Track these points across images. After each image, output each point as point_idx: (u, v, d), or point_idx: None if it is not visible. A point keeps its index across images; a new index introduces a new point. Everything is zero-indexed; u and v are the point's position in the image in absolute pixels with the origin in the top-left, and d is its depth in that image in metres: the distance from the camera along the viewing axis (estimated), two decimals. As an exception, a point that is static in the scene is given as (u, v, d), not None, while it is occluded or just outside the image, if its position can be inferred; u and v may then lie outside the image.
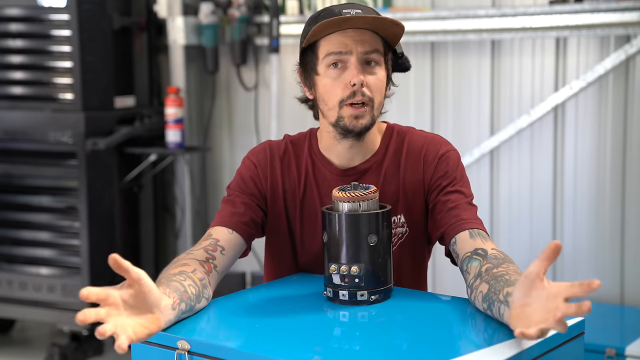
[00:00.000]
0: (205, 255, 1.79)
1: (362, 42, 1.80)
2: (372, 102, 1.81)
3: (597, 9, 3.38)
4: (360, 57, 1.80)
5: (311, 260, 1.94)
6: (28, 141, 3.89)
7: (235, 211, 1.89)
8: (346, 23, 1.79)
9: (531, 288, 1.41)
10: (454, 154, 1.91)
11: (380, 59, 1.82)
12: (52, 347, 3.86)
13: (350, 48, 1.79)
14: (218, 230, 1.86)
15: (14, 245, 4.00)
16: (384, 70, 1.83)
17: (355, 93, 1.79)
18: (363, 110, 1.81)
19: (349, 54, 1.80)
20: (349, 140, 1.87)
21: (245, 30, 4.02)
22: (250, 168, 1.95)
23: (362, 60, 1.80)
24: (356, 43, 1.79)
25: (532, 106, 3.61)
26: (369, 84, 1.80)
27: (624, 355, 3.03)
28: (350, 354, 1.47)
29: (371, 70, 1.81)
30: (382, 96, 1.85)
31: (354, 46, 1.79)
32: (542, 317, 1.36)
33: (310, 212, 1.93)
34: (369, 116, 1.82)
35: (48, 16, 3.85)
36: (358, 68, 1.79)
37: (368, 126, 1.83)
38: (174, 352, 1.54)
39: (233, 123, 4.27)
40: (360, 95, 1.79)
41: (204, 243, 1.83)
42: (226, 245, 1.84)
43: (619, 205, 3.51)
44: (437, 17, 3.66)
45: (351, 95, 1.80)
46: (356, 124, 1.82)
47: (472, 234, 1.77)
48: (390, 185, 1.90)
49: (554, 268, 3.63)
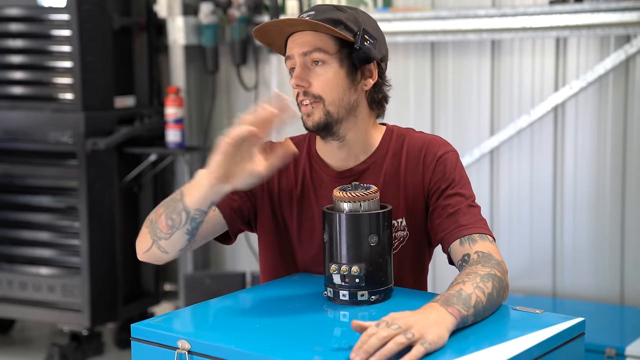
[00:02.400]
0: None
1: (302, 44, 1.84)
2: (320, 99, 1.84)
3: (597, 9, 3.38)
4: (301, 59, 1.85)
5: (309, 261, 1.94)
6: (28, 141, 3.89)
7: (227, 194, 1.91)
8: (283, 25, 1.85)
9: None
10: (452, 155, 1.91)
11: (325, 56, 1.83)
12: (52, 347, 3.86)
13: (292, 52, 1.86)
14: None
15: (14, 245, 4.00)
16: (333, 68, 1.84)
17: (299, 94, 1.87)
18: (310, 108, 1.85)
19: (294, 56, 1.86)
20: (331, 140, 1.89)
21: (245, 30, 4.02)
22: None
23: (306, 62, 1.85)
24: (297, 46, 1.85)
25: (532, 106, 3.61)
26: (314, 83, 1.84)
27: (624, 355, 3.03)
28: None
29: (316, 70, 1.85)
30: (338, 92, 1.85)
31: (296, 49, 1.85)
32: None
33: (307, 214, 1.93)
34: (320, 113, 1.85)
35: (48, 16, 3.85)
36: (297, 71, 1.85)
37: (321, 123, 1.85)
38: (174, 352, 1.54)
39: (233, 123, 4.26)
40: (302, 95, 1.85)
41: None
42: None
43: (619, 205, 3.51)
44: (437, 17, 3.66)
45: (297, 96, 1.88)
46: (307, 121, 1.87)
47: (462, 241, 1.79)
48: (390, 187, 1.90)
49: (554, 268, 3.63)
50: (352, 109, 1.87)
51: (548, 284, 3.65)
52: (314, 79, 1.84)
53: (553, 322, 1.59)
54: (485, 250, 1.75)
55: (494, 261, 1.70)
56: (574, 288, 3.61)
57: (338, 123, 1.86)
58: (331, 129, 1.87)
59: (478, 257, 1.73)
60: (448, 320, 1.50)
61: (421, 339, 1.43)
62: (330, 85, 1.84)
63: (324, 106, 1.84)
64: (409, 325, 1.45)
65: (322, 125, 1.85)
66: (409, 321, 1.45)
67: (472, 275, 1.63)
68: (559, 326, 1.57)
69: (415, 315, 1.48)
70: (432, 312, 1.50)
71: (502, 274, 1.68)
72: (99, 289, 3.83)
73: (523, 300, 3.47)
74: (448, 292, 1.58)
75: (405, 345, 1.42)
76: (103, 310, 3.86)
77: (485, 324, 1.59)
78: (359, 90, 1.88)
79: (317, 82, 1.84)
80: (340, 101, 1.86)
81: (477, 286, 1.60)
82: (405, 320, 1.46)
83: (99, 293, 3.83)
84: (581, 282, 3.59)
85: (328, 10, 1.86)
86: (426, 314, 1.49)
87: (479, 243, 1.77)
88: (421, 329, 1.44)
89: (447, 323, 1.49)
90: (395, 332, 1.43)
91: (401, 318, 1.46)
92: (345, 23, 1.84)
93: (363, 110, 1.90)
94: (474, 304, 1.56)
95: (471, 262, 1.73)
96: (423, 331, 1.44)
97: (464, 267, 1.73)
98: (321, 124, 1.85)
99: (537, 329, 1.56)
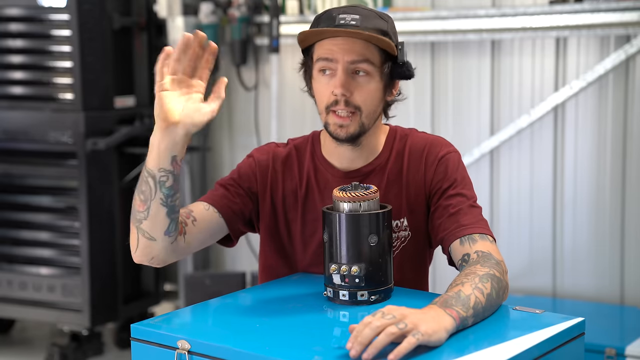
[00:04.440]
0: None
1: (350, 52, 1.79)
2: (359, 111, 1.81)
3: (597, 9, 3.38)
4: (347, 66, 1.80)
5: (312, 261, 1.94)
6: (28, 141, 3.89)
7: (225, 194, 1.91)
8: (337, 32, 1.79)
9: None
10: (454, 155, 1.91)
11: (371, 68, 1.81)
12: (52, 347, 3.86)
13: (337, 56, 1.80)
14: (197, 204, 1.89)
15: (14, 245, 4.00)
16: (376, 80, 1.82)
17: (337, 102, 1.80)
18: (347, 120, 1.81)
19: (336, 62, 1.80)
20: (346, 145, 1.88)
21: (245, 30, 4.02)
22: (251, 165, 1.97)
23: (350, 70, 1.80)
24: (344, 52, 1.79)
25: (532, 106, 3.61)
26: (355, 94, 1.80)
27: (624, 355, 3.03)
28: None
29: (359, 80, 1.81)
30: (374, 105, 1.84)
31: (341, 55, 1.79)
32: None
33: (311, 215, 1.93)
34: (356, 124, 1.82)
35: (48, 16, 3.85)
36: (342, 78, 1.79)
37: (355, 134, 1.83)
38: (174, 352, 1.54)
39: (233, 123, 4.27)
40: (344, 104, 1.80)
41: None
42: (199, 217, 1.85)
43: (619, 205, 3.51)
44: (437, 17, 3.66)
45: (334, 103, 1.81)
46: (340, 132, 1.83)
47: (462, 241, 1.79)
48: (393, 188, 1.90)
49: (554, 268, 3.63)
50: (377, 118, 1.88)
51: (548, 284, 3.65)
52: (356, 89, 1.81)
53: (553, 322, 1.59)
54: (485, 249, 1.75)
55: (493, 261, 1.70)
56: (574, 288, 3.61)
57: (366, 133, 1.86)
58: (358, 139, 1.86)
59: (478, 256, 1.73)
60: (447, 321, 1.49)
61: (414, 330, 1.43)
62: (371, 98, 1.82)
63: (361, 118, 1.82)
64: (403, 315, 1.45)
65: (355, 136, 1.84)
66: (404, 312, 1.46)
67: (471, 276, 1.63)
68: (558, 326, 1.57)
69: (412, 309, 1.48)
70: (430, 311, 1.51)
71: (502, 274, 1.68)
72: (99, 289, 3.83)
73: (523, 300, 3.47)
74: (447, 294, 1.58)
75: (397, 335, 1.42)
76: (103, 310, 3.85)
77: (485, 323, 1.59)
78: (384, 101, 1.88)
79: (360, 93, 1.81)
80: (374, 113, 1.85)
81: (476, 287, 1.60)
82: (401, 311, 1.46)
83: (99, 293, 3.83)
84: (581, 282, 3.59)
85: (372, 17, 1.82)
86: (425, 311, 1.50)
87: (479, 243, 1.77)
88: (415, 320, 1.44)
89: (446, 324, 1.49)
90: (389, 322, 1.43)
91: (397, 309, 1.47)
92: (389, 34, 1.83)
93: (380, 117, 1.91)
94: (473, 305, 1.56)
95: (471, 261, 1.73)
96: (417, 322, 1.44)
97: (463, 267, 1.73)
98: (354, 135, 1.83)
99: (537, 329, 1.56)
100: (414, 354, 1.42)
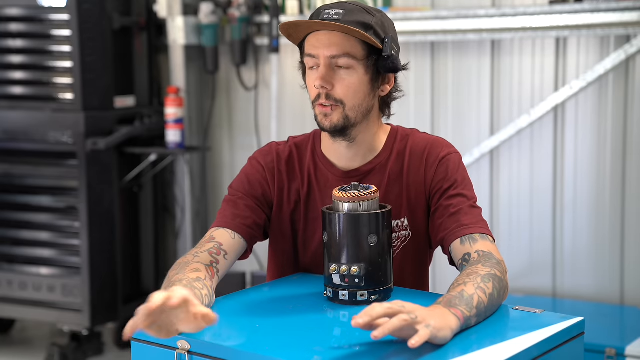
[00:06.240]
0: (209, 259, 1.78)
1: (330, 46, 1.82)
2: (341, 104, 1.83)
3: (597, 9, 3.38)
4: (328, 61, 1.82)
5: (313, 261, 1.95)
6: (28, 141, 3.89)
7: (237, 213, 1.89)
8: (313, 26, 1.82)
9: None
10: (455, 156, 1.91)
11: (353, 62, 1.82)
12: (52, 347, 3.86)
13: (318, 52, 1.83)
14: (221, 233, 1.86)
15: (14, 245, 4.00)
16: (359, 74, 1.83)
17: (320, 95, 1.84)
18: (329, 110, 1.83)
19: (318, 57, 1.83)
20: (341, 141, 1.89)
21: (245, 30, 4.02)
22: (258, 170, 1.95)
23: (332, 64, 1.82)
24: (324, 47, 1.82)
25: (532, 106, 3.61)
26: (337, 87, 1.83)
27: (624, 355, 3.03)
28: (350, 354, 1.47)
29: (341, 73, 1.83)
30: (359, 98, 1.84)
31: (322, 50, 1.82)
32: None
33: (313, 214, 1.93)
34: (339, 115, 1.83)
35: (48, 16, 3.85)
36: (322, 72, 1.82)
37: (339, 125, 1.84)
38: (174, 352, 1.54)
39: (233, 123, 4.26)
40: (325, 97, 1.83)
41: (207, 245, 1.82)
42: (229, 249, 1.84)
43: (619, 205, 3.51)
44: (437, 17, 3.66)
45: (318, 97, 1.84)
46: (324, 122, 1.85)
47: (462, 240, 1.80)
48: (394, 187, 1.90)
49: (554, 268, 3.64)
50: (367, 113, 1.88)
51: (548, 284, 3.65)
52: (338, 83, 1.83)
53: (553, 322, 1.59)
54: (486, 249, 1.76)
55: (494, 261, 1.71)
56: (574, 288, 3.61)
57: (353, 127, 1.87)
58: (346, 132, 1.87)
59: (479, 256, 1.74)
60: (452, 321, 1.50)
61: (425, 322, 1.44)
62: (353, 91, 1.83)
63: (344, 111, 1.84)
64: (413, 308, 1.46)
65: (339, 127, 1.85)
66: (413, 306, 1.47)
67: (473, 276, 1.63)
68: (558, 326, 1.58)
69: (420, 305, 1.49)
70: (436, 309, 1.52)
71: (502, 274, 1.69)
72: (99, 289, 3.83)
73: (523, 300, 3.47)
74: (450, 294, 1.58)
75: (408, 323, 1.43)
76: (103, 310, 3.85)
77: (486, 323, 1.59)
78: (376, 96, 1.89)
79: (341, 87, 1.83)
80: (360, 107, 1.85)
81: (479, 287, 1.60)
82: (410, 305, 1.47)
83: (99, 293, 3.83)
84: (581, 282, 3.59)
85: (357, 11, 1.83)
86: (431, 309, 1.51)
87: (479, 242, 1.78)
88: (425, 315, 1.46)
89: (451, 323, 1.50)
90: (400, 310, 1.44)
91: (406, 303, 1.48)
92: (374, 28, 1.83)
93: (375, 113, 1.91)
94: (476, 305, 1.57)
95: (472, 261, 1.73)
96: (427, 316, 1.46)
97: (464, 267, 1.73)
98: (338, 127, 1.85)
99: (536, 328, 1.56)
100: (420, 354, 1.43)
